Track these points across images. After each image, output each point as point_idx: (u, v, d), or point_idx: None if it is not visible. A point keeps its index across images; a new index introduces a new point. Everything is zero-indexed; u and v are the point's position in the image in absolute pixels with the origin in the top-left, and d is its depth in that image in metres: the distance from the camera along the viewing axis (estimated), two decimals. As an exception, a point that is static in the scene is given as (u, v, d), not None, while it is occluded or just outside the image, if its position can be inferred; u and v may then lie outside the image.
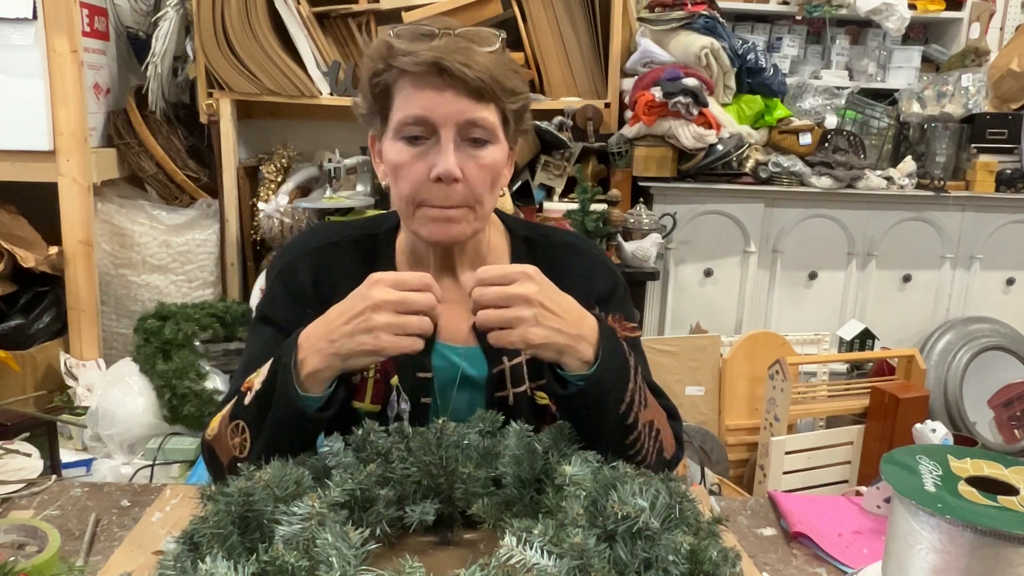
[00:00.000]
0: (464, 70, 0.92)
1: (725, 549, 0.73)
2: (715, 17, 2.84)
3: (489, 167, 0.98)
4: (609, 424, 0.93)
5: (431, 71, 0.93)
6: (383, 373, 1.05)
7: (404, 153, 0.97)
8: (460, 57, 0.93)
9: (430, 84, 0.94)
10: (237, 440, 0.94)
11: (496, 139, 0.99)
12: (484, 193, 0.99)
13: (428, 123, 0.95)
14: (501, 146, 1.00)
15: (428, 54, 0.92)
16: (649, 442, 0.98)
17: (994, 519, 0.69)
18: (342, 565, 0.65)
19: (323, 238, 1.10)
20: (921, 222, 3.04)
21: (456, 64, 0.92)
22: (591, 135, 2.84)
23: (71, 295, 2.54)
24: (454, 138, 0.95)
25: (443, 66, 0.92)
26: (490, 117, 0.97)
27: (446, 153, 0.94)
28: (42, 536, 0.89)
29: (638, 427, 0.95)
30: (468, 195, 0.97)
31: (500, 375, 1.05)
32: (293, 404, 0.89)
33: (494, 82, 0.95)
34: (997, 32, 3.57)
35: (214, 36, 2.63)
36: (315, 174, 2.90)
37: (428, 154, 0.96)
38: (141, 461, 2.31)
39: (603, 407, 0.92)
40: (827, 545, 1.00)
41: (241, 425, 0.94)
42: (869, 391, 2.52)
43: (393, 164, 0.98)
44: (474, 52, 0.94)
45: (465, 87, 0.93)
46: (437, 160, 0.95)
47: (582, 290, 1.07)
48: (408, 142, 0.97)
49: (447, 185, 0.95)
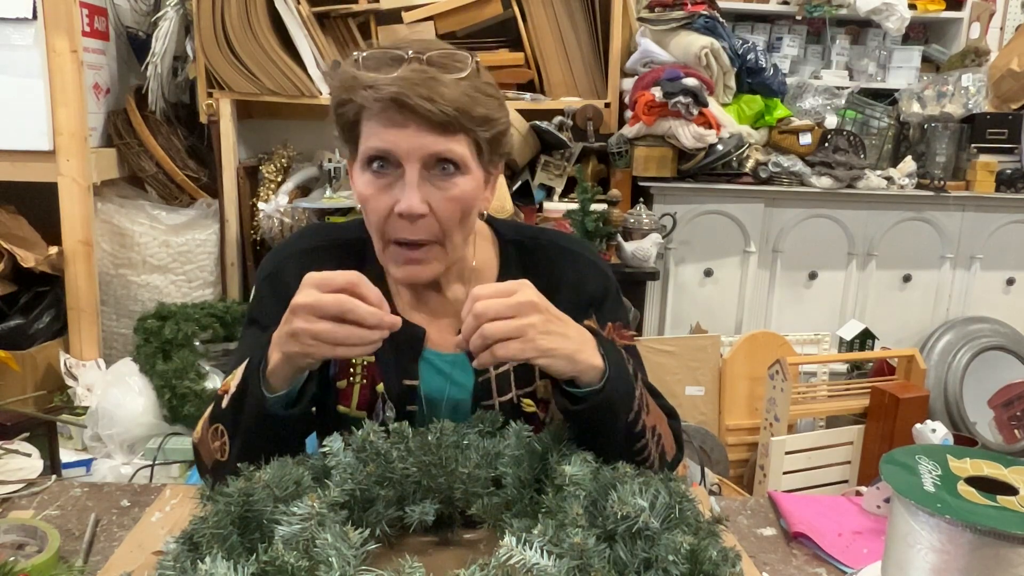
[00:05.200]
0: (426, 104, 0.88)
1: (725, 549, 0.73)
2: (715, 17, 2.84)
3: (457, 199, 0.94)
4: (618, 434, 0.93)
5: (391, 107, 0.90)
6: (370, 379, 1.05)
7: (370, 185, 0.95)
8: (423, 90, 0.88)
9: (393, 120, 0.91)
10: (217, 444, 0.94)
11: (467, 169, 0.94)
12: (453, 227, 0.96)
13: (391, 157, 0.92)
14: (473, 176, 0.96)
15: (390, 88, 0.89)
16: (653, 446, 0.97)
17: (994, 519, 0.69)
18: (342, 565, 0.65)
19: (313, 241, 1.09)
20: (921, 222, 3.04)
21: (417, 100, 0.88)
22: (591, 135, 2.84)
23: (71, 295, 2.54)
24: (419, 171, 0.92)
25: (403, 102, 0.89)
26: (457, 148, 0.92)
27: (410, 188, 0.91)
28: (42, 536, 0.89)
29: (645, 434, 0.95)
30: (435, 230, 0.95)
31: (486, 384, 1.05)
32: (259, 402, 0.88)
33: (461, 113, 0.91)
34: (997, 32, 3.57)
35: (214, 36, 2.63)
36: (315, 174, 2.90)
37: (393, 187, 0.93)
38: (141, 461, 2.31)
39: (614, 418, 0.92)
40: (827, 545, 1.00)
41: (220, 428, 0.94)
42: (869, 391, 2.52)
43: (361, 195, 0.96)
44: (439, 84, 0.90)
45: (428, 122, 0.90)
46: (401, 195, 0.92)
47: (573, 292, 1.06)
48: (374, 174, 0.94)
49: (411, 222, 0.93)
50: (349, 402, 1.05)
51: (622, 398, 0.92)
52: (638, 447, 0.95)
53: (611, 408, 0.91)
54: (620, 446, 0.93)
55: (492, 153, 0.98)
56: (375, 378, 1.04)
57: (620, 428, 0.92)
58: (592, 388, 0.90)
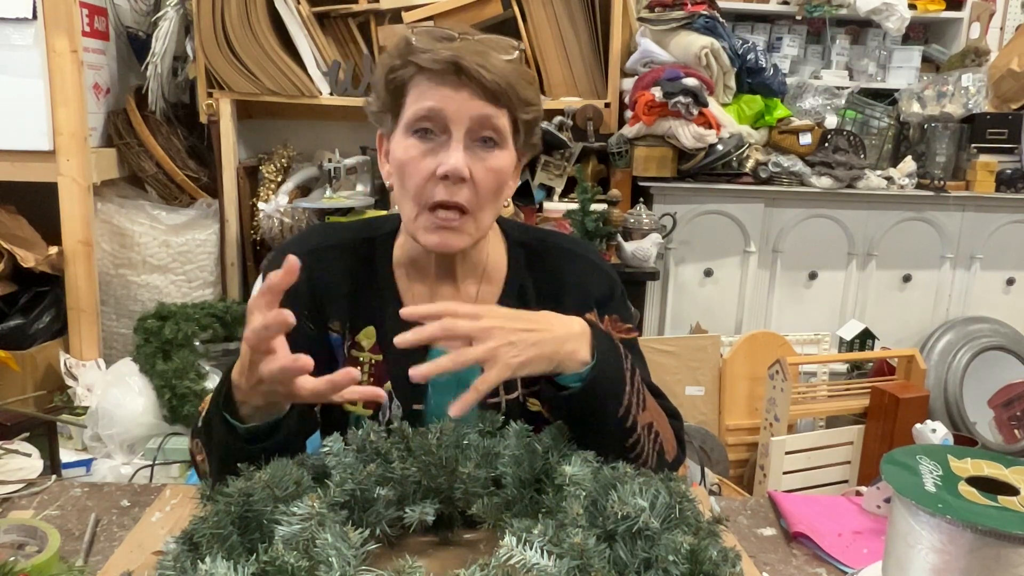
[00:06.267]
0: (481, 71, 0.92)
1: (725, 549, 0.73)
2: (715, 17, 2.84)
3: (496, 171, 0.97)
4: (608, 428, 0.92)
5: (448, 69, 0.93)
6: (378, 377, 1.05)
7: (413, 148, 0.96)
8: (478, 59, 0.93)
9: (447, 82, 0.94)
10: (200, 457, 0.96)
11: (506, 144, 0.98)
12: (487, 200, 0.98)
13: (440, 118, 0.94)
14: (510, 152, 0.99)
15: (447, 52, 0.93)
16: (648, 445, 0.97)
17: (994, 519, 0.69)
18: (342, 565, 0.65)
19: (319, 240, 1.09)
20: (921, 222, 3.04)
21: (474, 65, 0.92)
22: (591, 135, 2.84)
23: (71, 295, 2.54)
24: (464, 138, 0.95)
25: (461, 65, 0.92)
26: (502, 120, 0.96)
27: (455, 151, 0.94)
28: (42, 536, 0.89)
29: (637, 430, 0.95)
30: (472, 198, 0.96)
31: None
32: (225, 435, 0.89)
33: (509, 88, 0.94)
34: (997, 32, 3.57)
35: (214, 36, 2.63)
36: (315, 174, 2.90)
37: (437, 151, 0.95)
38: (141, 461, 2.31)
39: (602, 409, 0.92)
40: (827, 545, 1.00)
41: (199, 444, 0.96)
42: (869, 391, 2.52)
43: (400, 161, 0.97)
44: (492, 56, 0.94)
45: (481, 88, 0.93)
46: (445, 158, 0.94)
47: (579, 295, 1.07)
48: (419, 137, 0.96)
49: (453, 183, 0.95)
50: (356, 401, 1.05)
51: (609, 389, 0.92)
52: (630, 442, 0.94)
53: (597, 398, 0.91)
54: (611, 441, 0.92)
55: (527, 136, 1.02)
56: (383, 376, 1.05)
57: (610, 421, 0.92)
58: (576, 375, 0.90)
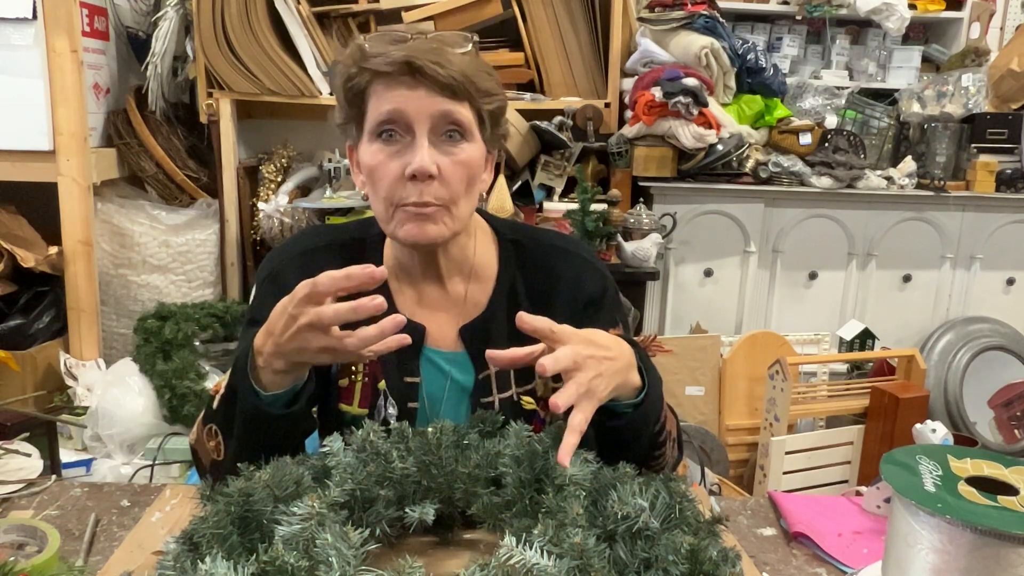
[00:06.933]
0: (436, 68, 0.92)
1: (725, 549, 0.73)
2: (715, 17, 2.84)
3: (465, 163, 0.97)
4: (644, 443, 0.94)
5: (403, 70, 0.93)
6: (371, 377, 1.05)
7: (380, 153, 0.96)
8: (432, 56, 0.93)
9: (403, 83, 0.93)
10: (212, 444, 0.95)
11: (472, 137, 0.97)
12: (460, 192, 0.97)
13: (402, 119, 0.94)
14: (477, 144, 0.99)
15: (399, 54, 0.92)
16: (669, 450, 1.00)
17: (994, 519, 0.69)
18: (342, 565, 0.65)
19: (312, 242, 1.10)
20: (921, 222, 3.04)
21: (428, 62, 0.92)
22: (591, 135, 2.84)
23: (71, 295, 2.54)
24: (428, 135, 0.94)
25: (415, 64, 0.92)
26: (464, 113, 0.96)
27: (420, 149, 0.94)
28: (42, 536, 0.89)
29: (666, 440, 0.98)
30: (443, 193, 0.96)
31: (486, 381, 1.05)
32: (253, 403, 0.89)
33: (467, 80, 0.94)
34: (997, 32, 3.57)
35: (214, 36, 2.63)
36: (315, 174, 2.90)
37: (403, 153, 0.95)
38: (141, 461, 2.31)
39: (646, 427, 0.93)
40: (827, 545, 1.00)
41: (213, 429, 0.95)
42: (869, 391, 2.52)
43: (369, 167, 0.97)
44: (446, 52, 0.94)
45: (438, 85, 0.93)
46: (411, 157, 0.94)
47: (571, 293, 1.07)
48: (384, 141, 0.96)
49: (422, 182, 0.94)
50: (351, 400, 1.05)
51: (652, 410, 0.93)
52: (657, 453, 0.97)
53: (645, 420, 0.92)
54: (644, 454, 0.94)
55: (493, 127, 1.01)
56: (377, 376, 1.05)
57: (646, 437, 0.94)
58: (631, 402, 0.90)
